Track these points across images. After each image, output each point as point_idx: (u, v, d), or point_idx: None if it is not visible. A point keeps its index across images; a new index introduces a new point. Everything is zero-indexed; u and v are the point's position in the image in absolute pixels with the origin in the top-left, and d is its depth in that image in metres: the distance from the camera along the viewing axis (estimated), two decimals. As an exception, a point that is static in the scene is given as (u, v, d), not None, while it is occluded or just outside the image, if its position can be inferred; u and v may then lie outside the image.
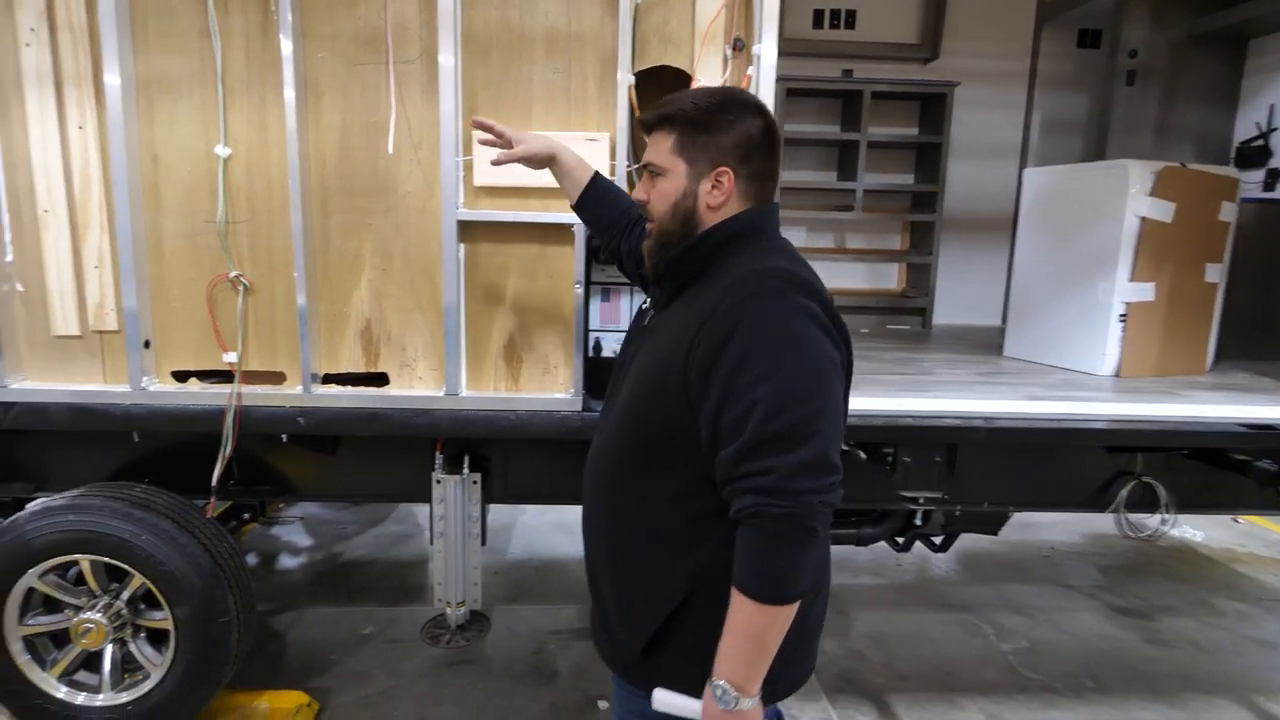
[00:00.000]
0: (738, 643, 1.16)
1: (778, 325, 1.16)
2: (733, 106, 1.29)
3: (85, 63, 2.15)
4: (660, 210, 1.33)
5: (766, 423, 1.11)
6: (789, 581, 1.13)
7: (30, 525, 2.29)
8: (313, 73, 2.17)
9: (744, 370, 1.14)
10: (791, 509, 1.10)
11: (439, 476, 2.52)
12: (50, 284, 2.24)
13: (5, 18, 2.12)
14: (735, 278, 1.22)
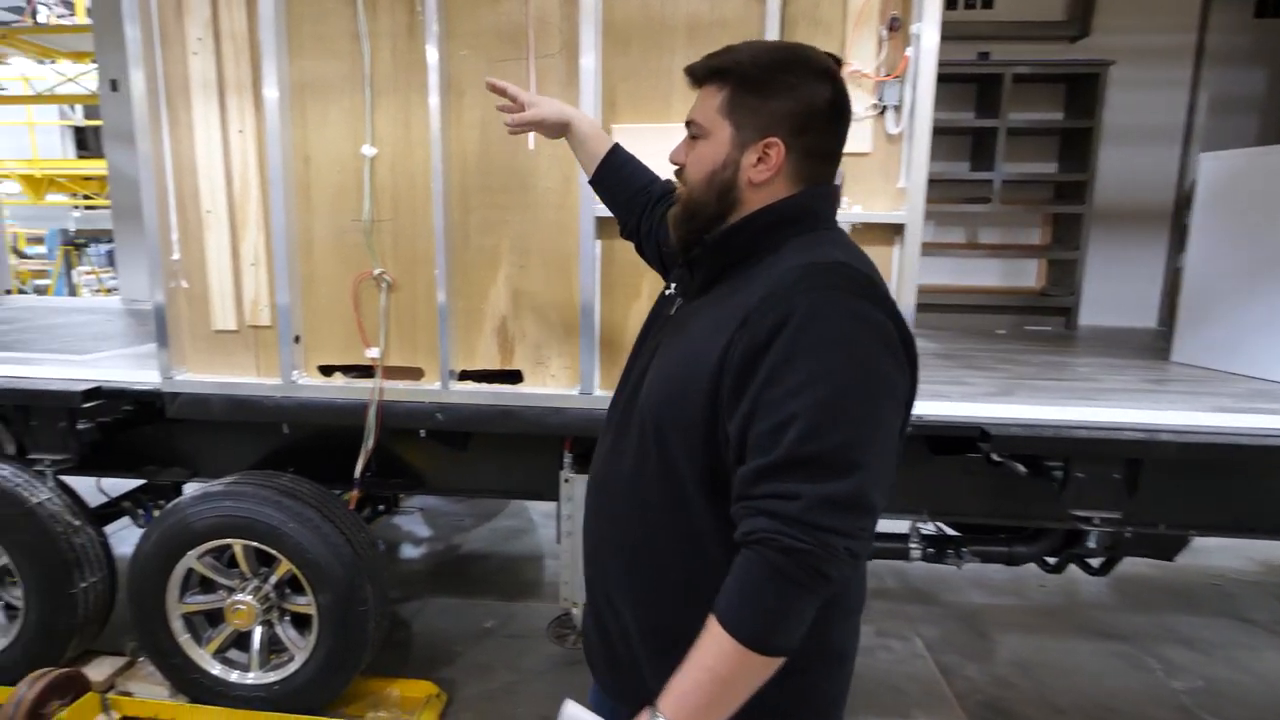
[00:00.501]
0: (698, 681, 0.97)
1: (830, 329, 0.97)
2: (797, 67, 1.08)
3: (245, 69, 2.24)
4: (695, 177, 1.13)
5: (803, 442, 0.93)
6: (780, 629, 0.95)
7: (191, 509, 2.42)
8: (455, 71, 2.18)
9: (786, 377, 0.95)
10: (808, 547, 0.92)
11: (568, 475, 2.49)
12: (211, 281, 2.35)
13: (176, 28, 2.24)
14: (785, 270, 1.03)
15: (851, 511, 0.94)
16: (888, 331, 1.00)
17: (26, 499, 2.48)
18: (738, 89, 1.09)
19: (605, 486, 1.23)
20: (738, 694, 0.97)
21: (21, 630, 2.56)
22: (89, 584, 2.58)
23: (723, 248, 1.13)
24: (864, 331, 0.98)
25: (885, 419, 0.99)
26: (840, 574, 0.95)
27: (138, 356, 2.95)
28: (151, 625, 2.50)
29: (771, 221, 1.10)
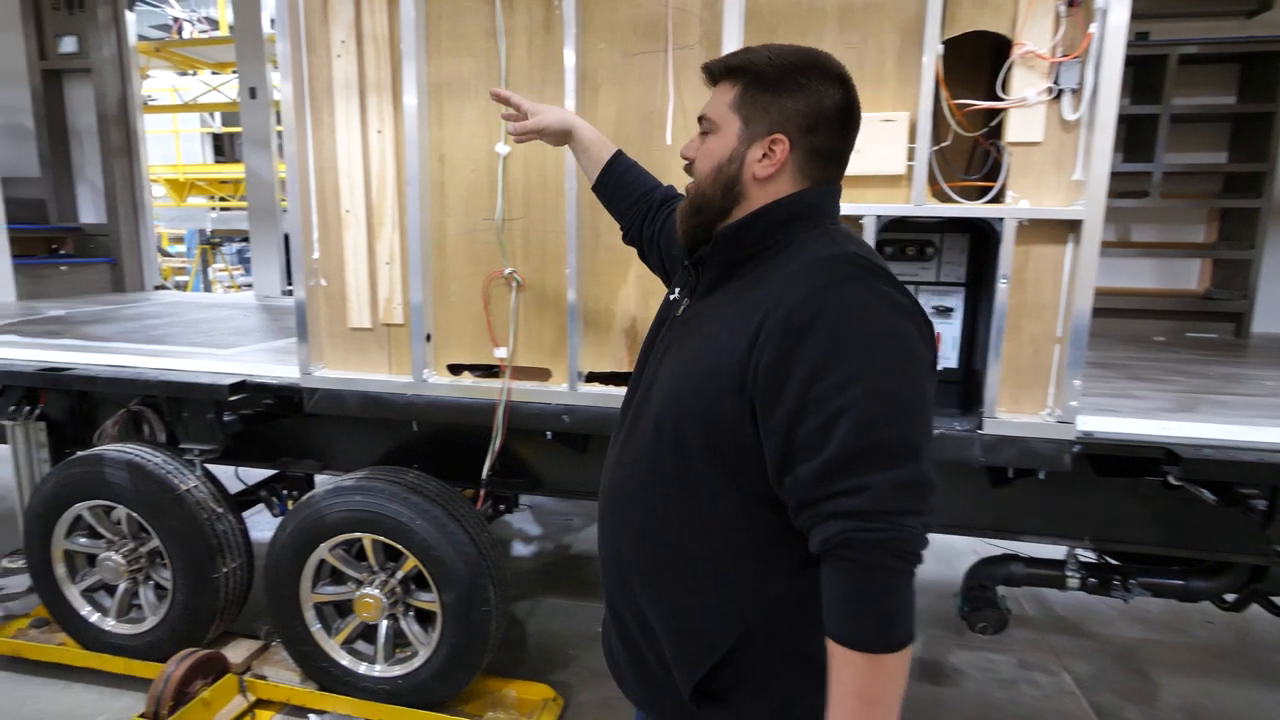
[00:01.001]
0: (851, 709, 0.94)
1: (867, 320, 0.98)
2: (810, 69, 1.11)
3: (385, 70, 2.26)
4: (703, 170, 1.15)
5: (859, 435, 0.94)
6: (897, 621, 0.94)
7: (325, 502, 2.48)
8: (591, 65, 2.12)
9: (828, 372, 0.96)
10: (891, 534, 0.92)
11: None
12: (348, 279, 2.40)
13: (321, 33, 2.29)
14: (806, 264, 1.04)
15: (920, 491, 0.95)
16: (915, 314, 1.03)
17: (177, 486, 2.61)
18: (750, 86, 1.11)
19: (619, 494, 1.21)
20: (891, 698, 0.96)
21: (169, 610, 2.71)
22: (230, 569, 2.69)
23: (734, 243, 1.13)
24: (896, 318, 1.00)
25: (929, 397, 1.01)
26: (922, 550, 0.96)
27: (274, 351, 3.07)
28: (286, 613, 2.58)
29: (781, 218, 1.11)
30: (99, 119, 5.03)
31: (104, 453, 2.65)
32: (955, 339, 2.16)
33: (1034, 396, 1.98)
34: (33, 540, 2.78)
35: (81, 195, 5.28)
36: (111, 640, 2.78)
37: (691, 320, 1.16)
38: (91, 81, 5.02)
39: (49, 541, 2.76)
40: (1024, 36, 1.85)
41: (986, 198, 1.93)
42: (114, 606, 2.79)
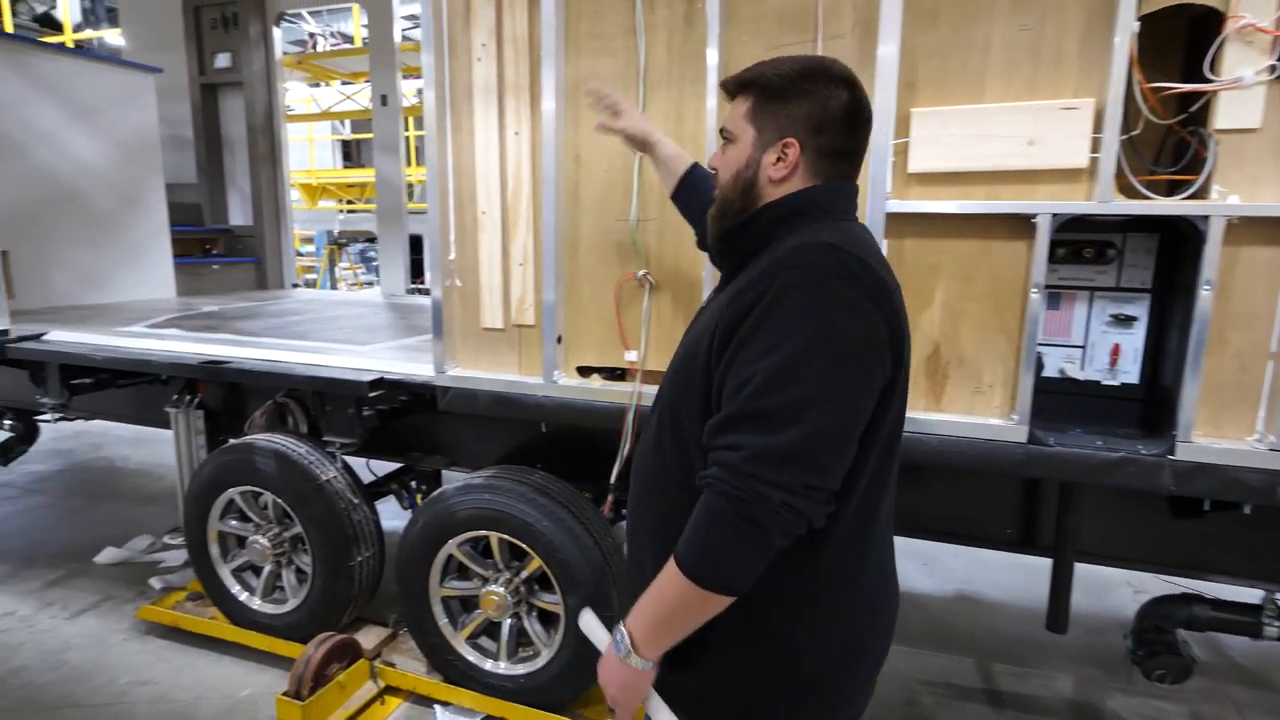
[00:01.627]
0: (652, 601, 1.11)
1: (805, 301, 1.04)
2: (815, 75, 1.18)
3: (524, 72, 2.26)
4: (724, 178, 1.24)
5: (752, 398, 1.02)
6: (721, 568, 1.03)
7: (455, 499, 2.52)
8: (733, 60, 2.04)
9: (752, 342, 1.05)
10: (743, 495, 1.00)
11: (825, 497, 2.29)
12: (482, 280, 2.42)
13: (462, 38, 2.32)
14: (783, 249, 1.12)
15: (791, 465, 0.99)
16: (865, 309, 1.05)
17: (318, 476, 2.73)
18: (760, 96, 1.20)
19: (638, 468, 1.33)
20: (683, 620, 1.09)
21: (308, 595, 2.84)
22: (364, 558, 2.79)
23: (735, 238, 1.23)
24: (837, 305, 1.04)
25: (844, 386, 1.03)
26: (780, 528, 1.01)
27: (405, 349, 3.16)
28: (415, 604, 2.65)
29: (780, 215, 1.18)
30: (248, 128, 5.40)
31: (254, 441, 2.81)
32: (1138, 351, 1.94)
33: (1239, 419, 1.74)
34: (191, 521, 2.99)
35: (231, 199, 5.69)
36: (257, 618, 2.95)
37: (701, 313, 1.28)
38: (242, 94, 5.40)
39: (205, 522, 2.96)
40: (1241, 9, 1.62)
41: (1186, 193, 1.71)
42: (260, 586, 2.96)
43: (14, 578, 3.62)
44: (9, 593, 3.48)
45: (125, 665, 2.94)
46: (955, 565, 3.81)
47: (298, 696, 2.50)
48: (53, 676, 2.86)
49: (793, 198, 1.19)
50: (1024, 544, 2.33)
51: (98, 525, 4.27)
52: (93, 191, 4.37)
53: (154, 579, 3.55)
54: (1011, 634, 3.20)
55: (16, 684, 2.81)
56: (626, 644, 1.13)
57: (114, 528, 4.20)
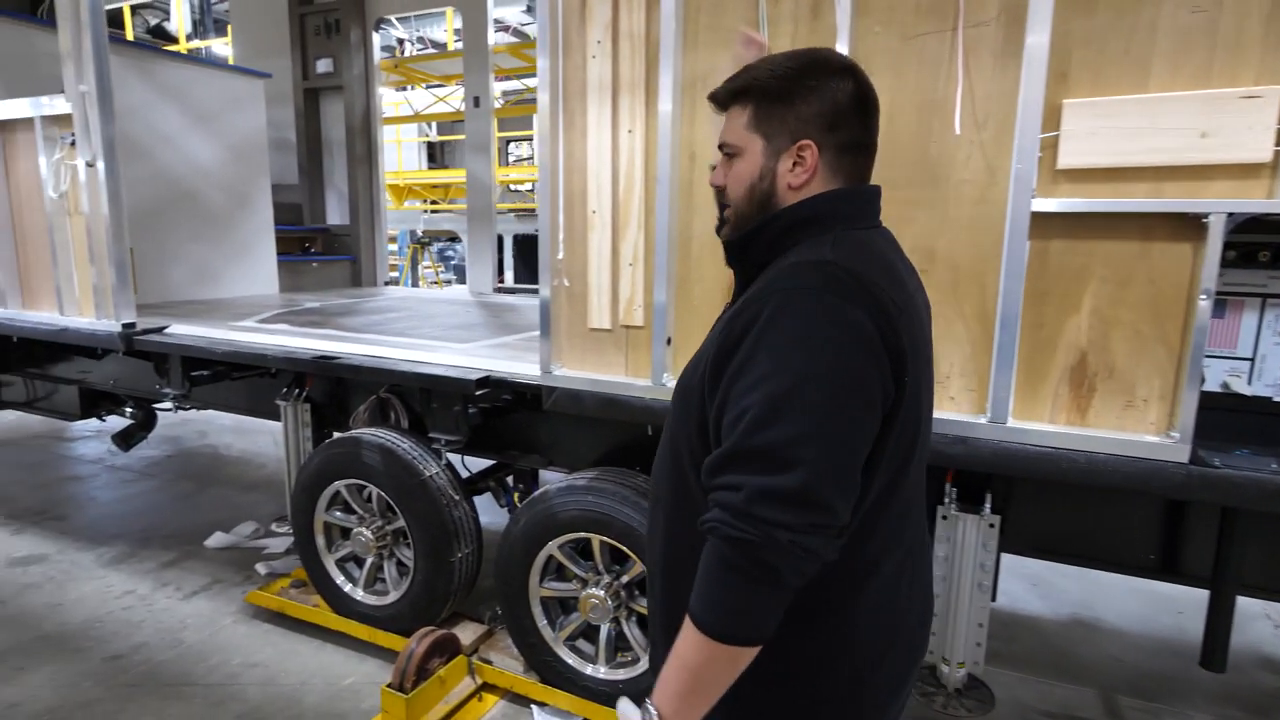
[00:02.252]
0: (675, 669, 1.01)
1: (797, 326, 0.98)
2: (815, 69, 1.10)
3: (639, 69, 2.23)
4: (736, 194, 1.15)
5: (749, 434, 0.97)
6: (740, 619, 0.96)
7: (557, 499, 2.51)
8: (864, 51, 1.95)
9: (746, 372, 1.00)
10: (750, 538, 0.93)
11: (948, 512, 2.17)
12: (591, 280, 2.40)
13: (578, 35, 2.30)
14: (779, 269, 1.06)
15: (795, 506, 0.93)
16: (861, 329, 0.98)
17: (422, 471, 2.77)
18: (760, 102, 1.11)
19: (653, 479, 1.28)
20: (711, 683, 1.00)
21: (409, 588, 2.88)
22: (464, 554, 2.82)
23: (745, 251, 1.16)
24: (831, 328, 0.98)
25: (843, 415, 0.97)
26: (792, 568, 0.94)
27: (504, 347, 3.18)
28: (514, 603, 2.65)
29: (789, 224, 1.11)
30: (347, 130, 5.59)
31: (361, 436, 2.88)
32: (1320, 365, 1.75)
33: None
34: (298, 511, 3.08)
35: (329, 199, 5.90)
36: (358, 608, 3.02)
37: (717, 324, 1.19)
38: (342, 98, 5.58)
39: (312, 513, 3.04)
40: None
41: (1393, 190, 1.53)
42: (362, 577, 3.03)
43: (133, 557, 3.83)
44: (129, 572, 3.67)
45: (236, 647, 3.05)
46: (1067, 587, 3.59)
47: (401, 689, 2.54)
48: (171, 655, 2.99)
49: (801, 205, 1.11)
50: (1167, 571, 2.15)
51: (206, 509, 4.48)
52: (207, 191, 4.59)
53: (259, 564, 3.69)
54: (1137, 665, 2.98)
55: (139, 660, 2.95)
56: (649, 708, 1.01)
57: (221, 512, 4.40)
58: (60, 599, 3.41)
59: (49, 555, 3.84)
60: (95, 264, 3.34)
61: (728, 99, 1.17)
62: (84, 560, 3.79)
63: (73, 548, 3.93)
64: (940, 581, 2.20)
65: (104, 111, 3.20)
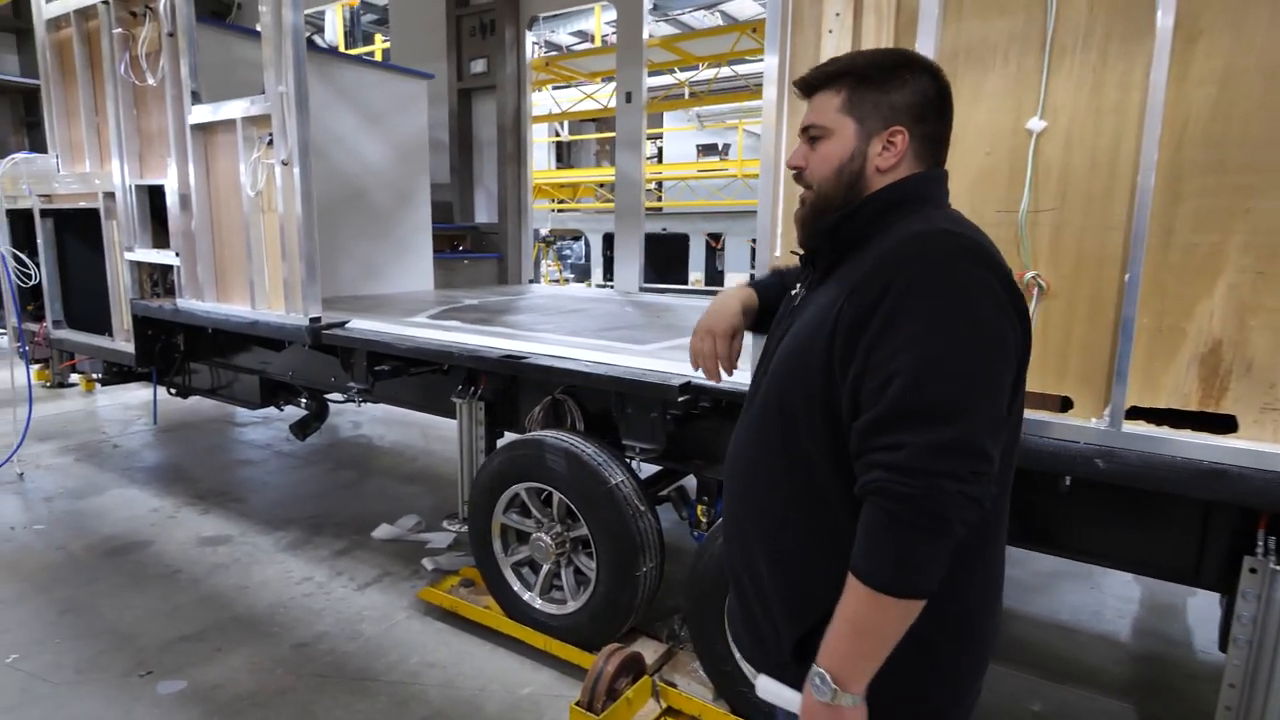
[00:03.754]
0: (844, 632, 1.04)
1: (938, 291, 1.03)
2: (908, 65, 1.19)
3: (886, 43, 1.98)
4: (822, 174, 1.21)
5: (905, 394, 1.00)
6: (911, 572, 0.99)
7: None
8: (1187, 9, 1.63)
9: (888, 338, 1.03)
10: (921, 491, 0.97)
11: (1255, 563, 1.80)
12: (813, 280, 2.18)
13: (812, 9, 2.08)
14: (898, 239, 1.10)
15: (959, 455, 0.98)
16: (992, 289, 1.05)
17: (608, 479, 2.64)
18: (856, 88, 1.18)
19: (737, 460, 1.30)
20: (883, 640, 1.03)
21: (591, 598, 2.76)
22: (649, 568, 2.66)
23: (839, 230, 1.19)
24: (967, 290, 1.03)
25: (994, 371, 1.03)
26: (960, 517, 0.99)
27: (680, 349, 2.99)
28: (709, 628, 2.48)
29: (886, 203, 1.17)
30: (498, 130, 5.62)
31: (544, 438, 2.78)
32: None
33: None
34: (476, 511, 3.03)
35: (478, 198, 5.97)
36: (534, 615, 2.93)
37: (803, 306, 1.25)
38: (494, 97, 5.62)
39: (490, 514, 2.98)
40: None
41: None
42: (538, 583, 2.94)
43: (307, 544, 3.94)
44: (305, 558, 3.77)
45: (412, 644, 3.03)
46: None
47: (590, 708, 2.41)
48: (352, 647, 3.01)
49: (895, 187, 1.17)
50: None
51: (368, 499, 4.59)
52: (373, 189, 4.71)
53: (426, 560, 3.70)
54: None
55: (323, 650, 2.99)
56: (829, 684, 1.04)
57: (382, 504, 4.49)
58: (246, 581, 3.53)
59: (233, 537, 4.01)
60: (286, 260, 3.44)
61: (818, 84, 1.22)
62: (264, 544, 3.93)
63: (253, 530, 4.09)
64: (1238, 647, 1.84)
65: (300, 112, 3.27)
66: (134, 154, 4.18)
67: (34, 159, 4.83)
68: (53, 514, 4.28)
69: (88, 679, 2.78)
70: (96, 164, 4.40)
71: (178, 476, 4.94)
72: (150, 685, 2.75)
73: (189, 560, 3.74)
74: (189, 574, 3.60)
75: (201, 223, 3.88)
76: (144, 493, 4.64)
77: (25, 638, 3.03)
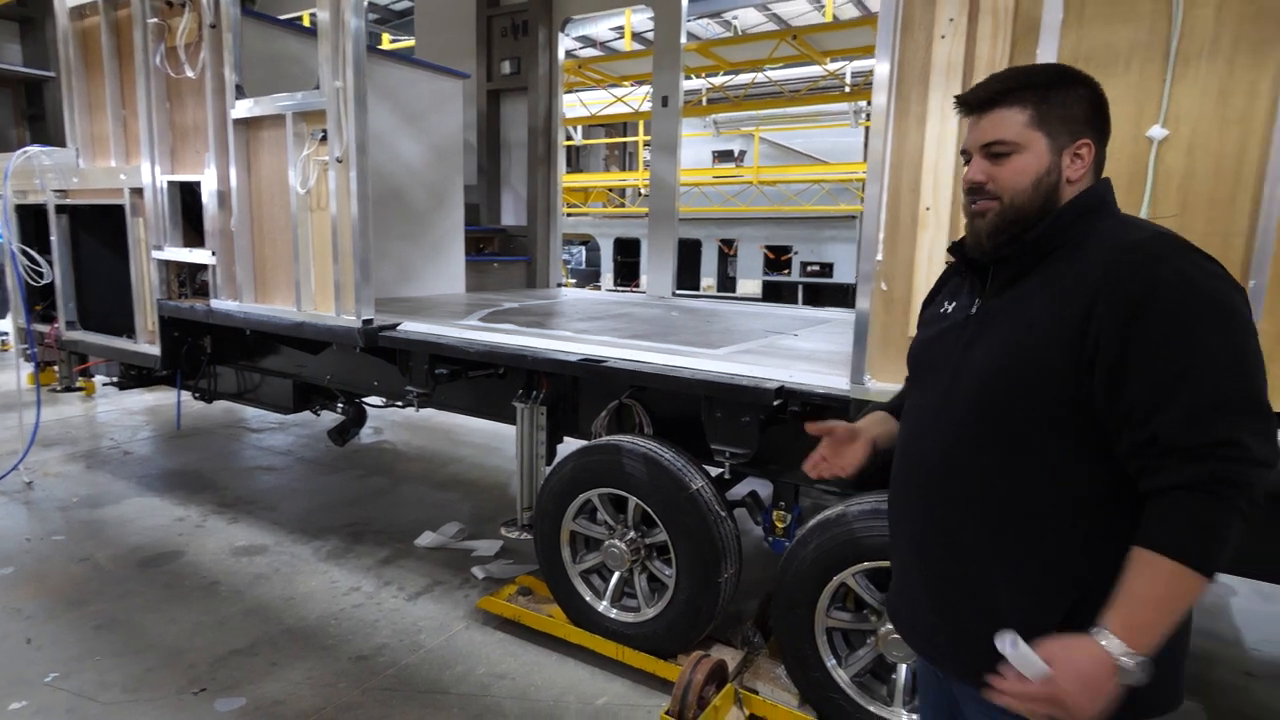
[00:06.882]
0: (1146, 608, 1.05)
1: (1195, 289, 1.08)
2: (1079, 80, 1.25)
3: (1002, 49, 2.00)
4: (1017, 187, 1.24)
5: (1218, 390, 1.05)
6: (1224, 552, 1.04)
7: (860, 524, 2.29)
8: (1327, 19, 1.65)
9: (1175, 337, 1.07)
10: (1256, 483, 1.04)
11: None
12: (916, 284, 2.18)
13: (925, 13, 2.09)
14: (1124, 245, 1.14)
15: (1273, 443, 1.05)
16: (1231, 280, 1.12)
17: (689, 484, 2.61)
18: (1041, 104, 1.22)
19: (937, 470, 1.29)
20: (1180, 614, 1.07)
21: (669, 606, 2.72)
22: (730, 574, 2.64)
23: (1039, 242, 1.23)
24: (1219, 285, 1.10)
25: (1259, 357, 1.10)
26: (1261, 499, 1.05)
27: (750, 353, 2.98)
28: (797, 633, 2.45)
29: (1078, 213, 1.23)
30: (529, 131, 5.58)
31: (621, 443, 2.74)
32: None
33: None
34: (545, 517, 2.98)
35: (505, 200, 5.91)
36: (606, 623, 2.88)
37: (991, 317, 1.27)
38: (524, 99, 5.58)
39: (560, 520, 2.94)
40: None
41: None
42: (609, 591, 2.89)
43: (349, 553, 3.86)
44: (349, 568, 3.69)
45: (476, 655, 2.97)
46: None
47: (681, 718, 2.37)
48: (415, 659, 2.94)
49: (1089, 194, 1.24)
50: None
51: (405, 506, 4.51)
52: (411, 190, 4.64)
53: (476, 569, 3.64)
54: None
55: (385, 662, 2.92)
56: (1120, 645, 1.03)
57: (420, 511, 4.41)
58: (290, 592, 3.44)
59: (268, 546, 3.91)
60: (339, 260, 3.37)
61: (996, 100, 1.25)
62: (303, 553, 3.84)
63: (289, 539, 4.00)
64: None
65: (359, 109, 3.21)
66: (166, 149, 4.08)
67: (51, 152, 4.68)
68: (70, 524, 4.15)
69: (139, 698, 2.68)
70: (122, 159, 4.29)
71: (199, 484, 4.82)
72: (207, 703, 2.65)
73: (226, 571, 3.64)
74: (229, 585, 3.50)
75: (242, 221, 3.79)
76: (165, 501, 4.52)
77: (62, 655, 2.92)
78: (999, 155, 1.25)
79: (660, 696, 2.70)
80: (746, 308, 5.13)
